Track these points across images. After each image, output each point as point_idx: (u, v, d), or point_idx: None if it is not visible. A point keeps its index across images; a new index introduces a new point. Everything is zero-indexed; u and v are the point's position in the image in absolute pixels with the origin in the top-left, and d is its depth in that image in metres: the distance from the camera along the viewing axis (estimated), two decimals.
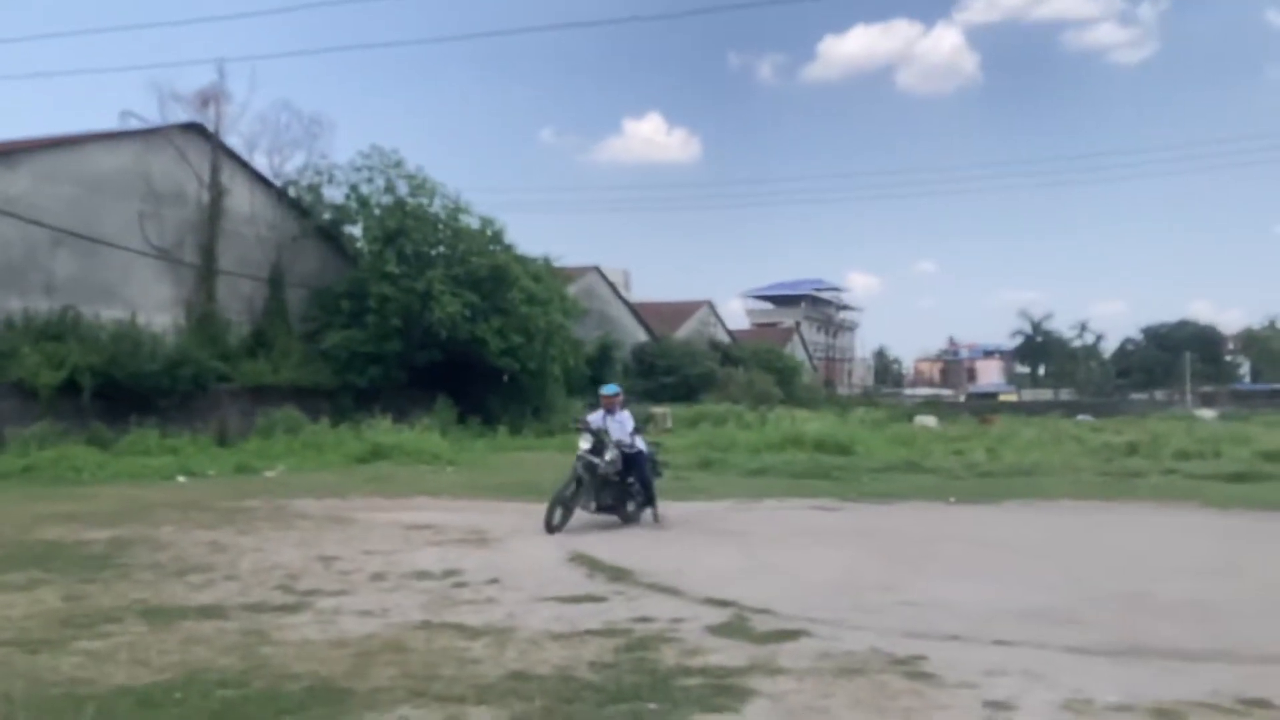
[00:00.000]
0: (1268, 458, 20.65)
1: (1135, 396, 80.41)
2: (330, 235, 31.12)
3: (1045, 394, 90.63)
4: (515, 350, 29.57)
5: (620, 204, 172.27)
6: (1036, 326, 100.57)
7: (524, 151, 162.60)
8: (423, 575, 8.44)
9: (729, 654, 5.81)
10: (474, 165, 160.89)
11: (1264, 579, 8.43)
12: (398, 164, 30.73)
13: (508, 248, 31.61)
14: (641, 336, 50.57)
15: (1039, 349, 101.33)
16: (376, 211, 30.40)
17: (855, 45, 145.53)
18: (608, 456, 11.32)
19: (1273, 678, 5.34)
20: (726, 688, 5.12)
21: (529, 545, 10.18)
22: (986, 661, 5.65)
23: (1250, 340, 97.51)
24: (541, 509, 11.30)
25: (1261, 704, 4.86)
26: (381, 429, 23.50)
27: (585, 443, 11.42)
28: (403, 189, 30.76)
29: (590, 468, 11.19)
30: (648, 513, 11.80)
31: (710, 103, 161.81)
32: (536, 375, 31.18)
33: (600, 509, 11.45)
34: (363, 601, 7.39)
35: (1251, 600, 7.54)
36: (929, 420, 39.82)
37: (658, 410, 34.08)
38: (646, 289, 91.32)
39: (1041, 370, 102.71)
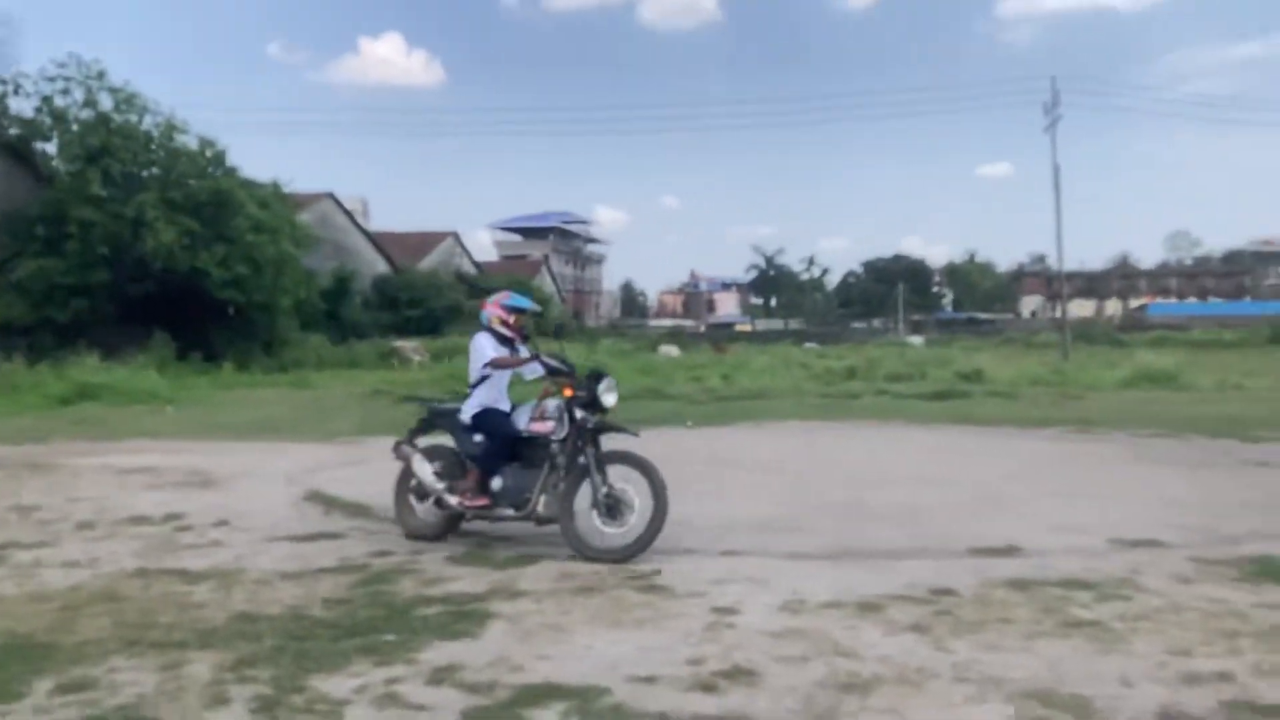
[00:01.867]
0: (964, 378, 23.08)
1: (856, 325, 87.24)
2: (19, 153, 27.66)
3: (777, 324, 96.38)
4: (240, 282, 27.69)
5: (357, 128, 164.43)
6: (769, 261, 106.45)
7: (249, 67, 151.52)
8: (139, 520, 7.82)
9: (469, 581, 5.79)
10: (190, 80, 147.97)
11: (960, 484, 9.36)
12: (100, 75, 27.66)
13: (231, 171, 29.36)
14: (382, 268, 48.82)
15: (772, 282, 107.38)
16: (75, 127, 27.28)
17: None
18: None
19: (961, 570, 5.97)
20: (466, 613, 5.10)
21: (260, 485, 9.63)
22: (716, 571, 5.96)
23: (954, 273, 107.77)
24: (275, 447, 10.73)
25: (948, 592, 5.42)
26: (88, 367, 21.36)
27: None
28: (107, 103, 27.76)
29: None
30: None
31: (452, 25, 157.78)
32: (265, 308, 29.44)
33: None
34: (68, 552, 6.74)
35: (949, 504, 8.36)
36: (672, 350, 41.34)
37: (404, 344, 33.23)
38: (388, 219, 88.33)
39: (774, 302, 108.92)
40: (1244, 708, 3.73)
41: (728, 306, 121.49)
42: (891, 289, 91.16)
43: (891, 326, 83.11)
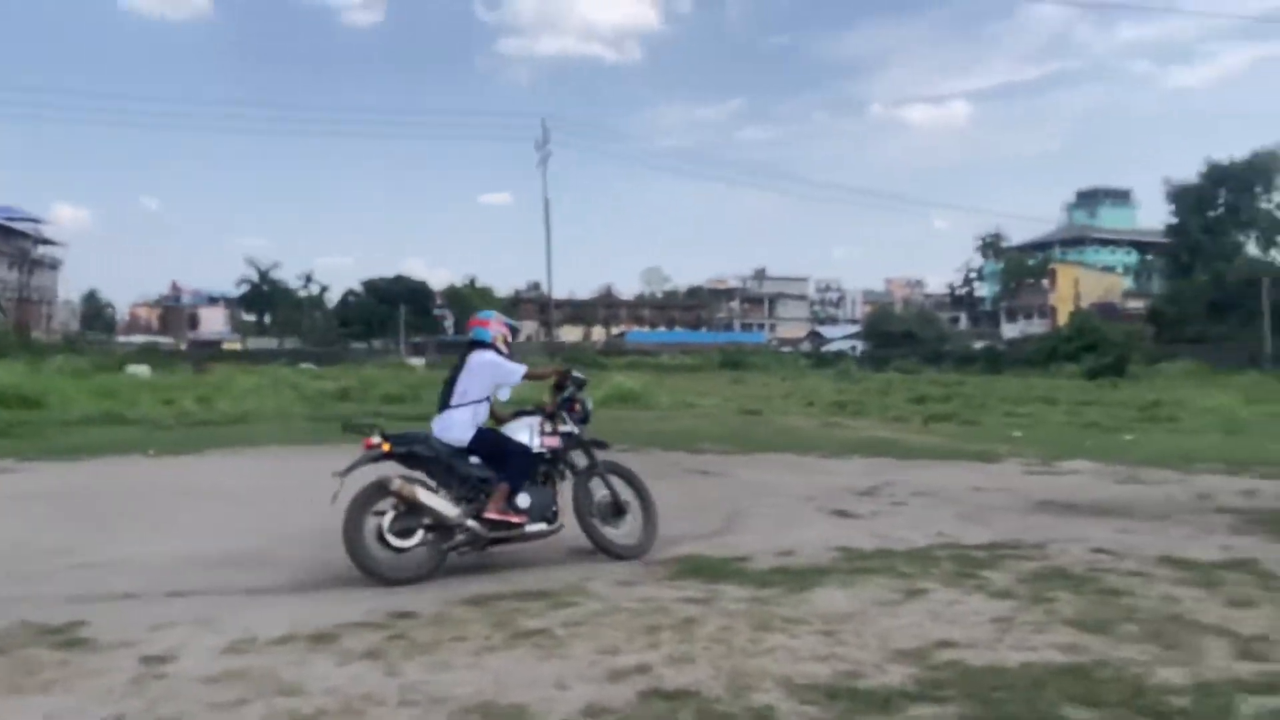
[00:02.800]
0: None
1: (356, 346, 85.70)
2: None
3: (271, 343, 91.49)
4: None
5: None
6: (264, 275, 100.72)
7: None
8: None
9: None
10: None
11: None
12: None
13: None
14: None
15: (266, 298, 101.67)
16: None
17: None
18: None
19: (424, 591, 6.00)
20: None
21: None
22: (157, 616, 5.36)
23: (454, 296, 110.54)
24: None
25: (408, 615, 5.38)
26: None
27: None
28: None
29: None
30: None
31: None
32: None
33: None
34: None
35: None
36: (141, 369, 37.23)
37: None
38: None
39: (268, 319, 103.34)
40: (655, 695, 4.13)
41: (215, 322, 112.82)
42: (393, 310, 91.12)
43: (393, 348, 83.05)
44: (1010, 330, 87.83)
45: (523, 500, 6.76)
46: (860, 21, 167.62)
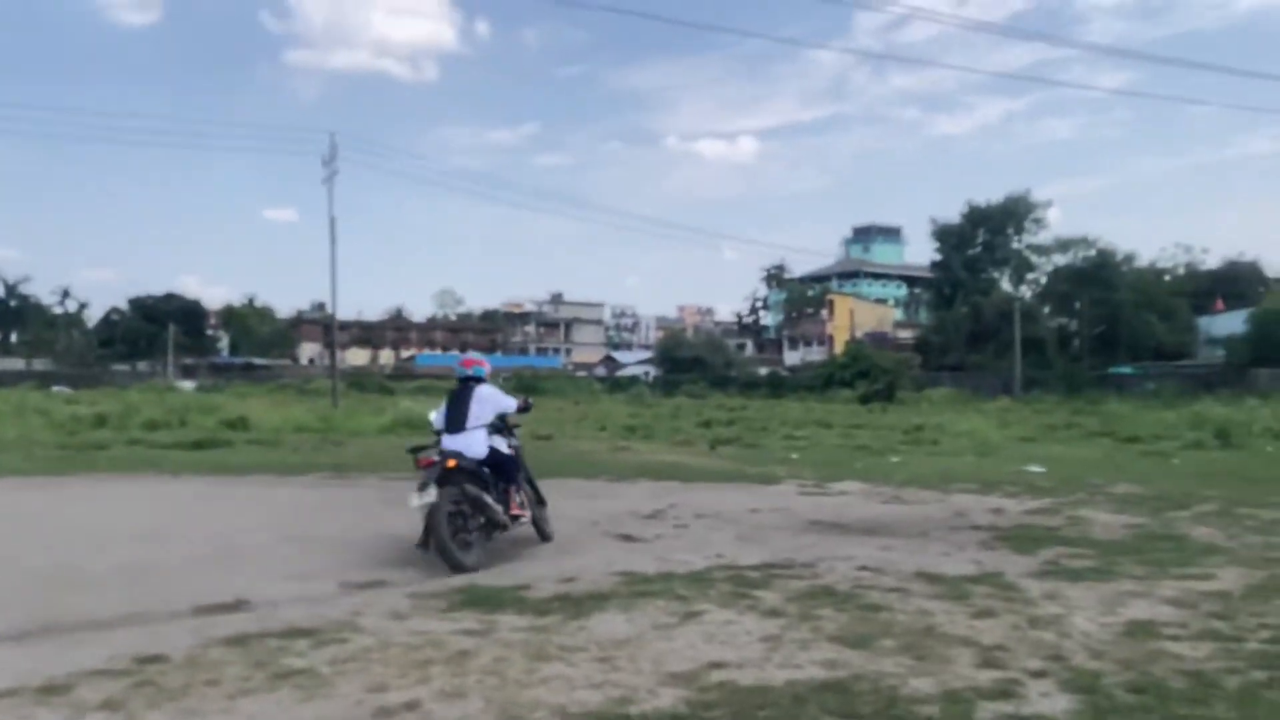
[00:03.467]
0: (229, 425, 22.31)
1: (118, 368, 79.34)
2: None
3: (18, 364, 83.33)
4: None
5: None
6: (11, 290, 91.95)
7: None
8: None
9: None
10: None
11: (199, 538, 8.85)
12: None
13: None
14: None
15: (14, 314, 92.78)
16: None
17: None
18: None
19: (178, 632, 5.56)
20: None
21: None
22: None
23: (232, 316, 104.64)
24: None
25: (157, 659, 4.96)
26: None
27: None
28: None
29: None
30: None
31: None
32: None
33: None
34: None
35: (183, 560, 7.83)
36: None
37: None
38: None
39: (15, 338, 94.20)
40: None
41: None
42: (162, 329, 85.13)
43: (160, 370, 77.52)
44: (792, 357, 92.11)
45: (519, 497, 8.35)
46: (654, 57, 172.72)
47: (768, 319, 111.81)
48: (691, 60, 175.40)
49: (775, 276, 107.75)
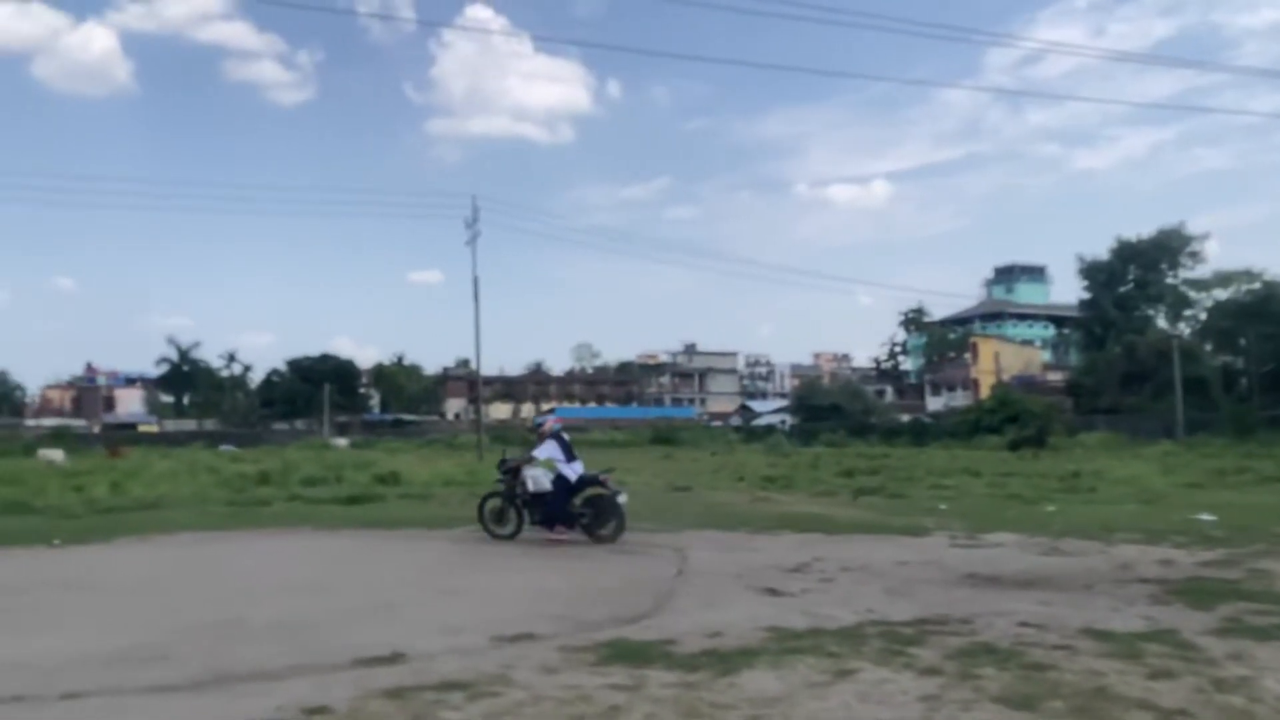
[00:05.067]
0: (381, 480, 23.12)
1: (278, 426, 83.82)
2: None
3: (190, 425, 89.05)
4: None
5: None
6: (184, 355, 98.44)
7: None
8: None
9: None
10: None
11: (354, 591, 9.17)
12: None
13: None
14: None
15: (186, 378, 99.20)
16: None
17: None
18: (528, 481, 12.90)
19: (340, 684, 5.72)
20: None
21: None
22: (52, 718, 5.01)
23: (382, 374, 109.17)
24: None
25: (321, 710, 5.13)
26: None
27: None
28: None
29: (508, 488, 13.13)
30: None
31: None
32: None
33: (533, 523, 12.92)
34: None
35: (340, 613, 8.10)
36: (55, 454, 35.82)
37: None
38: None
39: (187, 400, 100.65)
40: None
41: (131, 404, 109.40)
42: (318, 389, 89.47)
43: (317, 428, 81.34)
44: (934, 403, 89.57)
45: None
46: (779, 105, 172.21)
47: (907, 364, 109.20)
48: (818, 106, 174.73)
49: (914, 320, 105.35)
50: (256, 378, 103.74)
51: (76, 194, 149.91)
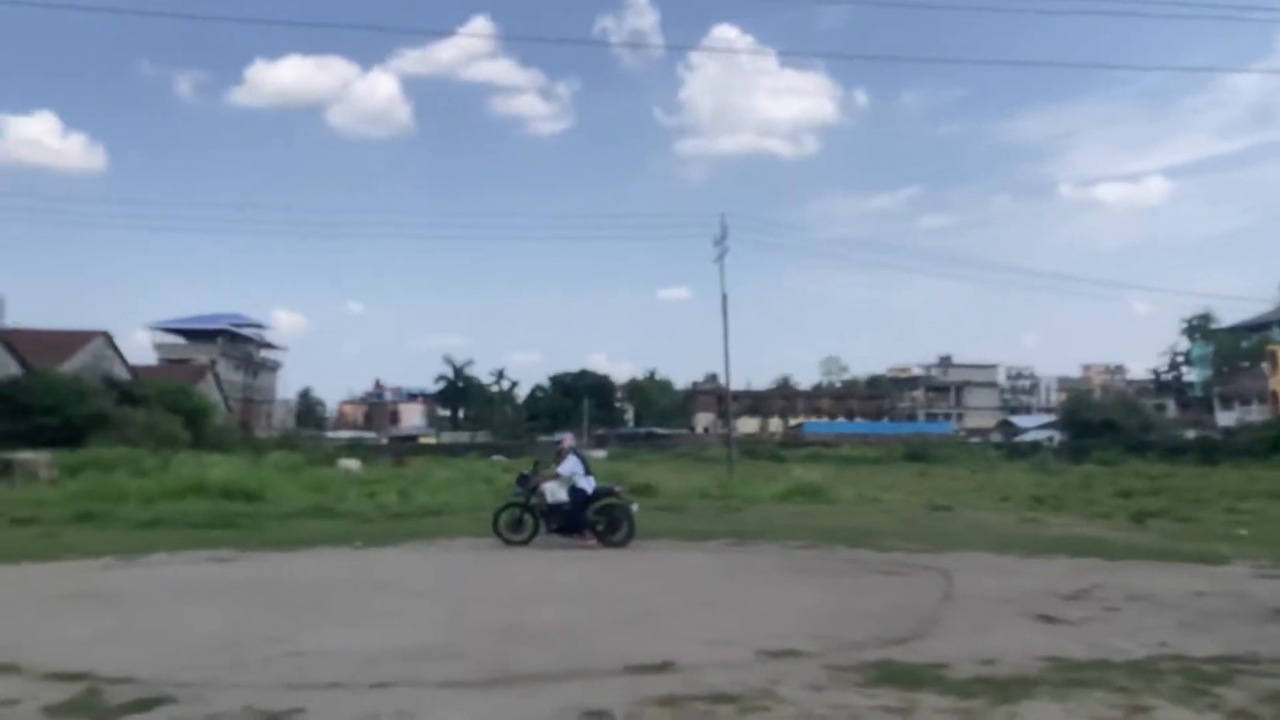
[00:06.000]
0: (638, 491, 23.70)
1: (542, 438, 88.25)
2: None
3: (464, 436, 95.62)
4: None
5: None
6: (459, 372, 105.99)
7: None
8: None
9: None
10: None
11: (621, 600, 9.53)
12: None
13: None
14: (14, 369, 43.34)
15: (460, 393, 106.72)
16: None
17: (288, 75, 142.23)
18: (545, 493, 14.26)
19: (615, 689, 5.97)
20: None
21: None
22: (363, 706, 5.58)
23: (635, 389, 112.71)
24: None
25: (601, 714, 5.38)
26: None
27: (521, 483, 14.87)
28: None
29: (524, 498, 14.50)
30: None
31: (118, 110, 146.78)
32: None
33: (550, 531, 14.21)
34: None
35: (609, 621, 8.45)
36: (352, 464, 39.50)
37: (30, 457, 29.21)
38: (25, 314, 79.20)
39: (462, 414, 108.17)
40: None
41: (413, 418, 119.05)
42: (577, 403, 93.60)
43: (577, 440, 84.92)
44: (1225, 418, 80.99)
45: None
46: (1038, 104, 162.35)
47: (1191, 375, 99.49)
48: (1082, 102, 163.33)
49: (1199, 328, 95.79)
50: (522, 393, 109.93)
51: (364, 226, 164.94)
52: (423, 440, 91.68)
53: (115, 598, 9.62)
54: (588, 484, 14.27)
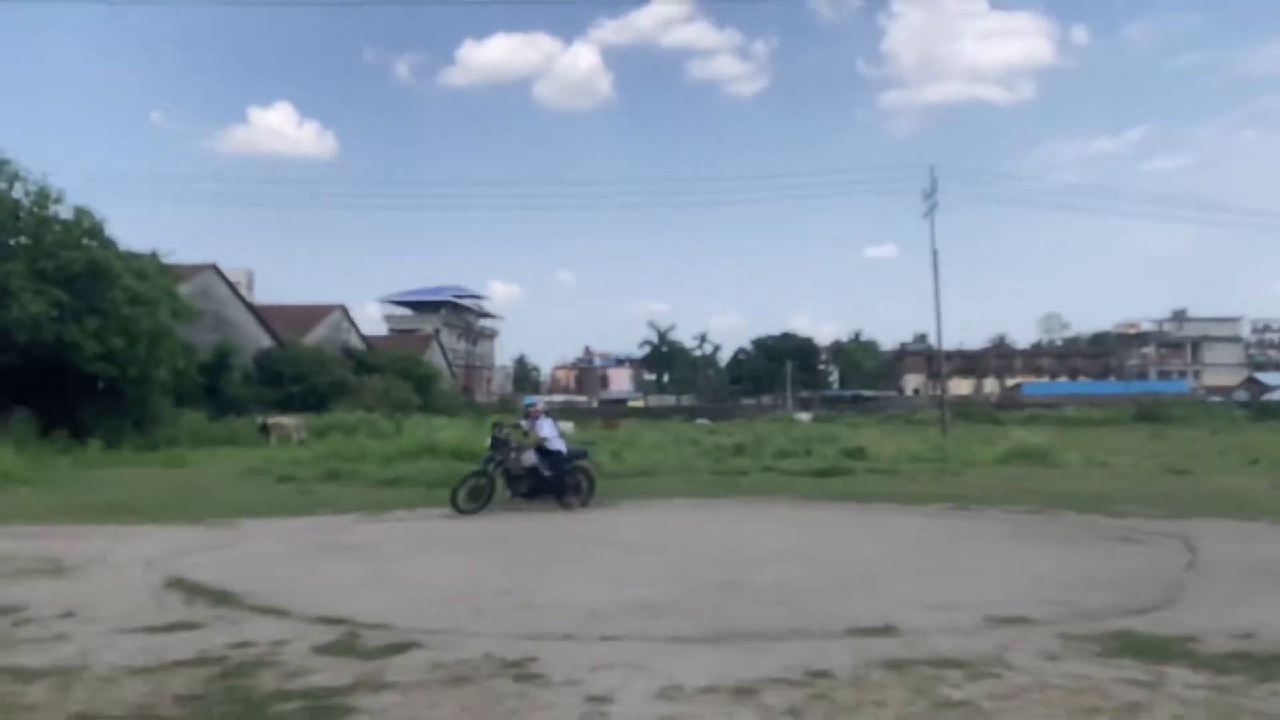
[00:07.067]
0: (848, 455, 23.49)
1: (746, 401, 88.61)
2: None
3: (669, 400, 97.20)
4: (114, 354, 26.48)
5: (244, 198, 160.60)
6: (663, 337, 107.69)
7: (131, 135, 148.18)
8: None
9: (334, 673, 5.51)
10: (69, 146, 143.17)
11: (840, 562, 9.48)
12: None
13: (109, 242, 28.35)
14: (266, 342, 47.54)
15: (665, 358, 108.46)
16: None
17: (495, 53, 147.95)
18: (523, 457, 14.13)
19: (838, 650, 5.98)
20: (327, 708, 4.85)
21: (115, 572, 9.08)
22: (593, 657, 5.83)
23: (839, 351, 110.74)
24: (138, 530, 10.19)
25: (825, 674, 5.40)
26: None
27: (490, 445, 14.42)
28: None
29: (494, 463, 14.07)
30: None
31: (345, 97, 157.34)
32: (139, 383, 28.15)
33: (516, 495, 14.17)
34: None
35: (828, 582, 8.43)
36: (567, 426, 40.99)
37: (285, 420, 32.13)
38: (274, 291, 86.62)
39: (666, 378, 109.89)
40: None
41: (621, 382, 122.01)
42: (781, 366, 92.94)
43: (781, 403, 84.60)
44: None
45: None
46: None
47: None
48: None
49: None
50: (725, 356, 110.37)
51: (571, 197, 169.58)
52: (631, 404, 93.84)
53: (366, 550, 10.48)
54: (561, 446, 14.45)
